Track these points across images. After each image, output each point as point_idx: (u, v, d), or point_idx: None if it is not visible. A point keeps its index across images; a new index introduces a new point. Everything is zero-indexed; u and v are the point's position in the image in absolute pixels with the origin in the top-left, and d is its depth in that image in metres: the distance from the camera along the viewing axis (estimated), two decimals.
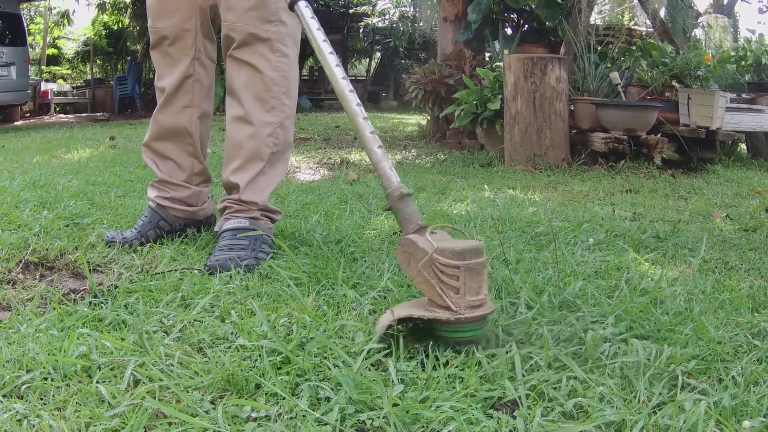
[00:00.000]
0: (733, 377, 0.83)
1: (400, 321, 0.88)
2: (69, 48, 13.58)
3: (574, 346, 0.91)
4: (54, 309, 1.05)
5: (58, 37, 13.27)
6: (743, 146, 4.39)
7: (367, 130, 1.02)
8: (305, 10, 1.18)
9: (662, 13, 4.59)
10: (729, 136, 3.69)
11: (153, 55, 1.51)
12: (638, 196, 2.59)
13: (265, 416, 0.74)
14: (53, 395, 0.78)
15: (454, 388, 0.80)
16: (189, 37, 1.45)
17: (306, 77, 12.65)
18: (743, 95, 4.31)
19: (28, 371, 0.83)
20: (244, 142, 1.41)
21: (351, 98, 1.05)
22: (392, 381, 0.82)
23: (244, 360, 0.89)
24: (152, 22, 1.47)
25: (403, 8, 12.24)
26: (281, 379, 0.82)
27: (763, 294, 1.21)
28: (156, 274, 1.27)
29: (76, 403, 0.76)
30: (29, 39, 9.71)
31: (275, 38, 1.39)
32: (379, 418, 0.73)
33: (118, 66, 12.11)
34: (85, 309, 1.06)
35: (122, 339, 0.93)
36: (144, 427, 0.71)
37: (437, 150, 4.30)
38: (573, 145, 3.59)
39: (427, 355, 0.89)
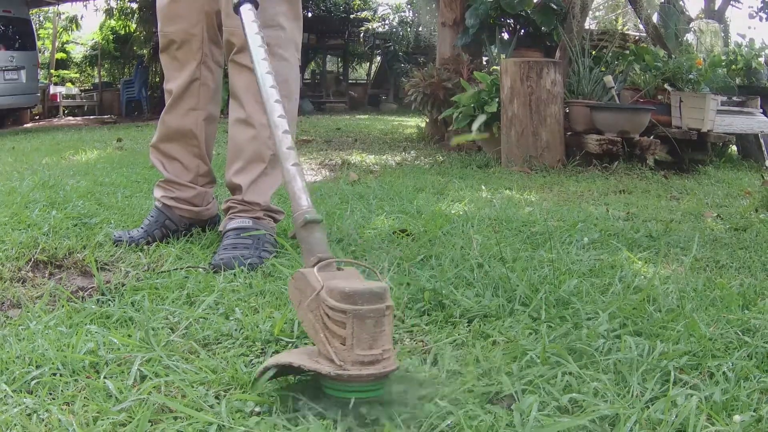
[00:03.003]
0: (724, 373, 0.83)
1: (282, 369, 0.76)
2: (77, 52, 13.64)
3: (569, 343, 0.93)
4: (63, 306, 1.06)
5: (67, 42, 13.30)
6: (734, 148, 4.44)
7: (284, 145, 0.92)
8: (248, 12, 1.14)
9: (655, 18, 4.64)
10: (720, 138, 3.74)
11: (162, 59, 1.53)
12: (631, 197, 2.61)
13: (268, 411, 0.75)
14: (62, 390, 0.79)
15: (452, 383, 0.82)
16: (196, 41, 1.48)
17: (308, 81, 12.70)
18: (734, 98, 4.35)
19: (37, 367, 0.84)
20: (246, 144, 1.44)
21: (276, 108, 0.96)
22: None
23: (248, 356, 0.91)
24: (161, 27, 1.50)
25: (403, 13, 12.31)
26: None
27: (753, 291, 1.22)
28: (162, 272, 1.28)
29: (84, 398, 0.77)
30: (38, 43, 9.68)
31: (274, 43, 1.41)
32: (378, 412, 0.75)
33: (125, 70, 12.17)
34: (93, 306, 1.07)
35: (129, 336, 0.94)
36: (150, 422, 0.72)
37: (436, 151, 4.32)
38: (568, 147, 3.62)
39: (427, 352, 0.91)
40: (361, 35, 12.43)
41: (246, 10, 1.14)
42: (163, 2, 1.48)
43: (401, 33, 11.62)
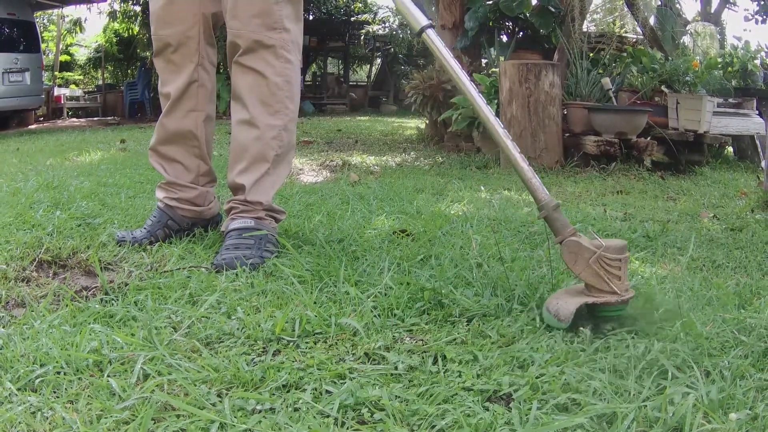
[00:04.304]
0: (720, 371, 0.84)
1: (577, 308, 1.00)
2: (81, 54, 13.71)
3: (567, 341, 0.94)
4: (66, 306, 1.07)
5: (71, 44, 13.36)
6: (730, 149, 4.45)
7: (516, 151, 1.17)
8: (436, 37, 1.21)
9: (652, 21, 4.66)
10: (716, 139, 3.76)
11: (156, 63, 1.53)
12: (629, 197, 2.63)
13: (270, 409, 0.76)
14: (66, 389, 0.80)
15: (452, 382, 0.83)
16: (192, 44, 1.48)
17: (309, 83, 12.73)
18: (730, 100, 4.36)
19: (41, 365, 0.85)
20: (250, 145, 1.44)
21: (497, 123, 1.19)
22: (392, 376, 0.84)
23: (250, 354, 0.91)
24: (155, 30, 1.49)
25: None
26: (284, 373, 0.84)
27: (749, 291, 1.23)
28: (165, 272, 1.29)
29: (88, 396, 0.78)
30: (43, 46, 9.68)
31: (279, 45, 1.42)
32: (379, 410, 0.76)
33: (129, 72, 12.25)
34: (97, 306, 1.08)
35: (132, 335, 0.95)
36: (153, 420, 0.73)
37: (435, 152, 4.33)
38: (566, 148, 3.63)
39: (425, 352, 0.92)
40: (362, 38, 12.47)
41: (433, 34, 1.22)
42: (158, 5, 1.48)
43: (401, 35, 11.66)
